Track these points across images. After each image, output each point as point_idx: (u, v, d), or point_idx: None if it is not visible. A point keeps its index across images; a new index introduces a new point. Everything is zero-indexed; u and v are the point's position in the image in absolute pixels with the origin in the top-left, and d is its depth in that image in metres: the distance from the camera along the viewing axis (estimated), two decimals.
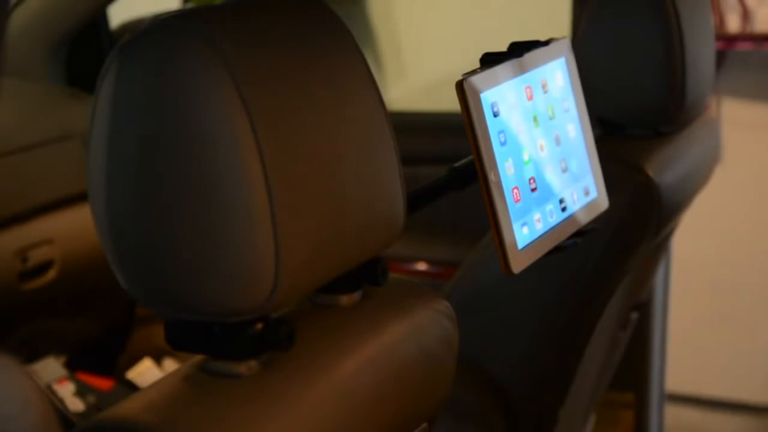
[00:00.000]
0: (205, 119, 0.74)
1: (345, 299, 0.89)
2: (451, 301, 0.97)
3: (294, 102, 0.78)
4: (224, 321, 0.78)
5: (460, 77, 0.93)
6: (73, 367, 1.97)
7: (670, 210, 1.40)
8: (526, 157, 0.99)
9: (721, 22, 2.52)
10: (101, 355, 2.14)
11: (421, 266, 2.12)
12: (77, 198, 1.92)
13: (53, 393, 1.84)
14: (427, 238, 2.10)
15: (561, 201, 1.05)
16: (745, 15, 2.52)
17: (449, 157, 1.13)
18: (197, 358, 0.81)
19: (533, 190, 1.00)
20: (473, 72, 0.94)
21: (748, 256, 2.60)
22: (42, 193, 1.90)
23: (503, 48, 1.02)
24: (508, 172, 0.96)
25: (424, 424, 0.95)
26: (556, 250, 1.03)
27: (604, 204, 1.12)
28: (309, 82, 0.81)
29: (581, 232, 1.07)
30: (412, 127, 2.15)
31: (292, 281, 0.77)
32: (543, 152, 1.02)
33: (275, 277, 0.76)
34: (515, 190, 0.97)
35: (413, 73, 3.09)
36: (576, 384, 1.44)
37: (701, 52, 1.43)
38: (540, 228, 1.00)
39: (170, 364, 2.07)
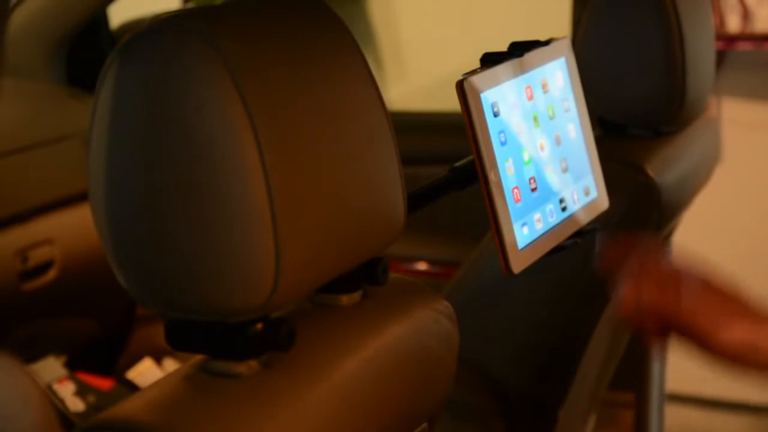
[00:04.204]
0: (205, 119, 0.74)
1: (345, 299, 0.89)
2: (451, 301, 0.97)
3: (294, 102, 0.78)
4: (224, 321, 0.78)
5: (460, 77, 0.93)
6: (73, 367, 1.97)
7: (670, 210, 1.40)
8: (526, 157, 0.99)
9: (721, 22, 2.52)
10: (101, 355, 2.14)
11: (421, 266, 2.12)
12: (77, 198, 1.92)
13: (53, 393, 1.84)
14: (428, 238, 2.10)
15: (561, 201, 1.05)
16: (745, 15, 2.52)
17: (449, 157, 1.13)
18: (197, 358, 0.81)
19: (533, 190, 1.00)
20: (473, 72, 0.94)
21: (748, 256, 2.60)
22: (42, 193, 1.91)
23: (503, 48, 1.02)
24: (508, 172, 0.96)
25: (424, 424, 0.95)
26: (557, 250, 1.03)
27: (604, 204, 1.12)
28: (309, 82, 0.80)
29: (581, 232, 1.07)
30: (412, 127, 2.15)
31: (292, 281, 0.77)
32: (543, 152, 1.02)
33: (275, 277, 0.76)
34: (515, 190, 0.97)
35: (413, 73, 3.09)
36: (576, 384, 1.44)
37: (701, 52, 1.43)
38: (540, 228, 1.00)
39: (170, 364, 2.07)
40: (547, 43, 1.06)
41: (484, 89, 0.94)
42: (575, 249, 1.06)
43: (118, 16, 2.34)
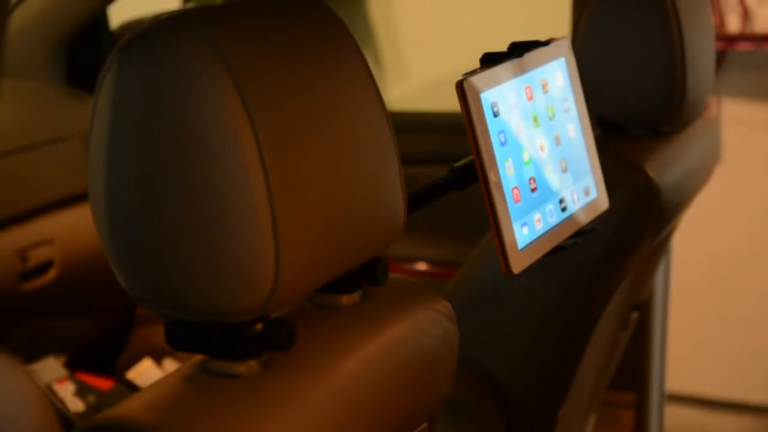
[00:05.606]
0: (205, 119, 0.74)
1: (345, 299, 0.89)
2: (451, 301, 0.97)
3: (294, 102, 0.78)
4: (224, 321, 0.78)
5: (460, 77, 0.93)
6: (73, 367, 1.97)
7: (670, 210, 1.40)
8: (526, 157, 0.99)
9: (721, 22, 2.52)
10: (101, 355, 2.14)
11: (421, 266, 2.12)
12: (77, 198, 1.92)
13: (53, 393, 1.84)
14: (428, 238, 2.10)
15: (561, 201, 1.05)
16: (745, 15, 2.52)
17: (449, 157, 1.13)
18: (197, 358, 0.81)
19: (533, 190, 1.00)
20: (473, 72, 0.94)
21: (748, 256, 2.60)
22: (42, 193, 1.91)
23: (503, 48, 1.02)
24: (508, 172, 0.96)
25: (424, 424, 0.95)
26: (556, 250, 1.03)
27: (604, 204, 1.12)
28: (309, 82, 0.81)
29: (581, 232, 1.07)
30: (412, 127, 2.15)
31: (292, 281, 0.77)
32: (543, 152, 1.02)
33: (275, 277, 0.76)
34: (515, 190, 0.97)
35: (413, 73, 3.09)
36: (576, 384, 1.44)
37: (701, 52, 1.43)
38: (540, 228, 1.01)
39: (170, 364, 2.07)
40: (547, 43, 1.06)
41: (483, 89, 0.94)
42: (575, 249, 1.06)
43: (118, 16, 2.34)
